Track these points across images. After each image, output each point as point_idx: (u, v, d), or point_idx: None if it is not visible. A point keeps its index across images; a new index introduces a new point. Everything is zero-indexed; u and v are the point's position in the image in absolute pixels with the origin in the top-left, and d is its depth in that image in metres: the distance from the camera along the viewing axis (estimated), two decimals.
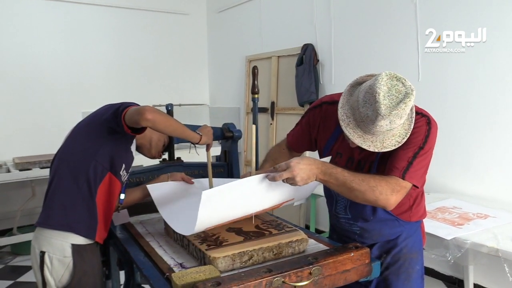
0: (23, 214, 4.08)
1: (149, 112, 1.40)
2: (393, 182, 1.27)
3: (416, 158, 1.29)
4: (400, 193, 1.27)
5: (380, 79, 1.21)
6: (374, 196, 1.24)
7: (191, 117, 5.25)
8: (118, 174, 1.59)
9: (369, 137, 1.27)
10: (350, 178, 1.25)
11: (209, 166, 1.83)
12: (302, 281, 1.18)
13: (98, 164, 1.52)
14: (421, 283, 1.53)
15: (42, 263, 1.48)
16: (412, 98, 1.21)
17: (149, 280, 1.27)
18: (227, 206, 1.32)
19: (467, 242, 2.09)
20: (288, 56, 4.31)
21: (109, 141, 1.54)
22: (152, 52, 5.18)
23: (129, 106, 1.48)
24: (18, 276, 3.48)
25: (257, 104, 2.30)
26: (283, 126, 4.37)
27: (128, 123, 1.46)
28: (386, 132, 1.24)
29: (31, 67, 4.33)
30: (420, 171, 1.31)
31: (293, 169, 1.22)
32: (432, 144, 1.33)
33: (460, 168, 3.03)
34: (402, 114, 1.20)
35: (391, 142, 1.27)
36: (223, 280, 1.09)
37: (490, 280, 2.93)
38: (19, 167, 3.66)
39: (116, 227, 1.80)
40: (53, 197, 1.53)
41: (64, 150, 1.60)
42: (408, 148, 1.30)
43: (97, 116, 1.60)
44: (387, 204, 1.26)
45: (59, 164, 1.57)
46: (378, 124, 1.21)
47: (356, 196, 1.26)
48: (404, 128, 1.27)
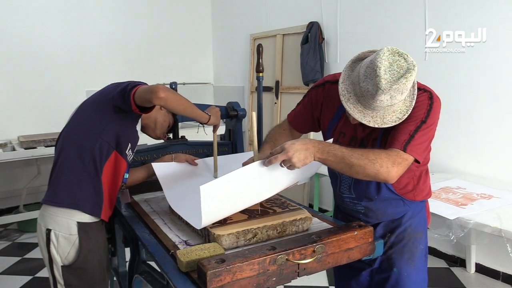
0: (29, 192, 4.12)
1: (162, 91, 1.40)
2: (394, 155, 1.24)
3: (418, 132, 1.26)
4: (402, 165, 1.24)
5: (381, 54, 1.19)
6: (375, 169, 1.21)
7: (195, 96, 5.22)
8: (124, 153, 1.59)
9: (370, 113, 1.25)
10: (349, 153, 1.22)
11: (214, 148, 1.83)
12: (305, 259, 1.18)
13: (104, 142, 1.52)
14: (424, 262, 1.54)
15: (48, 240, 1.50)
16: (413, 74, 1.18)
17: (154, 257, 1.28)
18: (229, 198, 1.30)
19: (470, 222, 2.10)
20: (293, 34, 4.26)
21: (115, 119, 1.54)
22: (156, 30, 5.13)
23: (138, 85, 1.48)
24: (25, 252, 3.54)
25: (261, 82, 2.28)
26: (287, 105, 4.35)
27: (138, 101, 1.46)
28: (387, 108, 1.22)
29: (35, 46, 4.31)
30: (422, 145, 1.27)
31: (288, 151, 1.20)
32: (435, 119, 1.30)
33: (465, 148, 3.02)
34: (403, 89, 1.19)
35: (392, 118, 1.25)
36: (227, 257, 1.10)
37: (492, 260, 2.96)
38: (24, 146, 3.68)
39: (121, 205, 1.82)
40: (59, 175, 1.54)
41: (69, 129, 1.60)
42: (409, 122, 1.27)
43: (103, 95, 1.59)
44: (388, 177, 1.22)
45: (64, 142, 1.57)
46: (378, 99, 1.19)
47: (357, 171, 1.23)
48: (405, 105, 1.25)
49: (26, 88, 4.30)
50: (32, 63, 4.31)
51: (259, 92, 2.30)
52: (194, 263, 1.12)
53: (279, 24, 4.46)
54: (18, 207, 4.06)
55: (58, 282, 1.52)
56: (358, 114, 1.25)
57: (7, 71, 4.19)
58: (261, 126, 2.36)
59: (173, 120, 1.95)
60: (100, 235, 1.59)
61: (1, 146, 3.72)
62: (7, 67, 4.19)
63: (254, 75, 2.39)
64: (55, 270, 1.51)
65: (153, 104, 1.47)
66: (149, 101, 1.43)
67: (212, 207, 1.25)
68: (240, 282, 1.08)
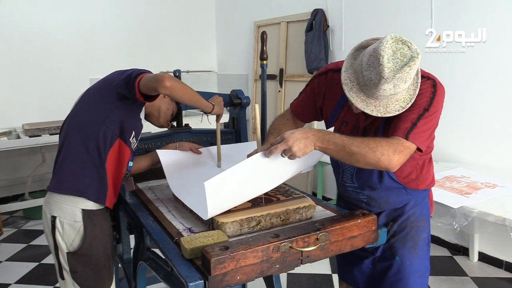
0: (34, 180, 4.15)
1: (168, 80, 1.40)
2: (395, 143, 1.22)
3: (421, 120, 1.24)
4: (403, 153, 1.21)
5: (385, 42, 1.17)
6: (376, 157, 1.19)
7: (199, 84, 5.21)
8: (128, 141, 1.60)
9: (372, 102, 1.23)
10: (349, 142, 1.21)
11: (218, 137, 1.83)
12: (309, 247, 1.19)
13: (108, 130, 1.52)
14: (427, 251, 1.54)
15: (54, 227, 1.51)
16: (417, 62, 1.17)
17: (159, 244, 1.29)
18: (234, 190, 1.30)
19: (474, 211, 2.10)
20: (298, 22, 4.22)
21: (119, 107, 1.54)
22: (160, 18, 5.10)
23: (143, 73, 1.48)
24: (31, 239, 3.58)
25: (265, 70, 2.27)
26: (291, 93, 4.33)
27: (143, 89, 1.46)
28: (390, 97, 1.21)
29: (38, 34, 4.30)
30: (424, 134, 1.25)
31: (288, 140, 1.19)
32: (438, 107, 1.28)
33: (470, 137, 3.01)
34: (407, 78, 1.17)
35: (395, 107, 1.23)
36: (231, 244, 1.11)
37: (495, 248, 2.96)
38: (29, 134, 3.69)
39: (125, 192, 1.82)
40: (63, 162, 1.54)
41: (73, 116, 1.60)
42: (412, 110, 1.25)
43: (107, 82, 1.59)
44: (390, 165, 1.20)
45: (68, 130, 1.57)
46: (381, 88, 1.18)
47: (358, 160, 1.21)
48: (408, 93, 1.24)
49: (30, 76, 4.30)
50: (36, 51, 4.31)
51: (263, 80, 2.29)
52: (198, 250, 1.13)
53: (283, 12, 4.42)
54: (23, 194, 4.10)
55: (63, 268, 1.53)
56: (361, 103, 1.24)
57: (11, 60, 4.19)
58: (265, 114, 2.35)
59: (177, 109, 1.95)
60: (105, 222, 1.60)
61: (6, 134, 3.74)
62: (11, 56, 4.19)
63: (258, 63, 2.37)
64: (60, 257, 1.53)
65: (158, 93, 1.47)
66: (155, 90, 1.43)
67: (218, 200, 1.26)
68: (243, 269, 1.09)
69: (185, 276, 1.06)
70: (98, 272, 1.56)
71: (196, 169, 1.78)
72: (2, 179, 4.30)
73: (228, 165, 1.77)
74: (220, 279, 1.05)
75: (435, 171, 1.58)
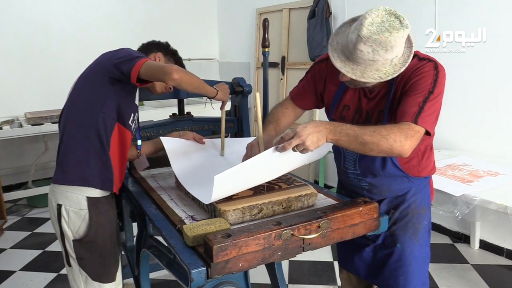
0: (37, 168, 4.18)
1: (176, 72, 1.40)
2: (406, 128, 1.22)
3: (427, 103, 1.25)
4: (414, 138, 1.22)
5: (375, 11, 1.18)
6: (389, 145, 1.19)
7: (200, 71, 5.18)
8: (128, 125, 1.59)
9: (351, 64, 1.24)
10: (361, 132, 1.21)
11: (222, 125, 1.82)
12: (310, 234, 1.19)
13: (106, 116, 1.52)
14: (427, 238, 1.55)
15: (60, 215, 1.52)
16: (401, 32, 1.17)
17: (161, 231, 1.30)
18: (241, 181, 1.31)
19: (475, 199, 2.10)
20: (300, 9, 4.19)
21: (113, 91, 1.52)
22: (161, 5, 5.05)
23: (140, 58, 1.46)
24: (35, 227, 3.61)
25: (267, 58, 2.26)
26: (293, 81, 4.31)
27: (144, 76, 1.44)
28: (369, 63, 1.21)
29: (40, 22, 4.27)
30: (431, 116, 1.26)
31: (301, 134, 1.18)
32: (441, 88, 1.29)
33: (472, 125, 3.00)
34: (386, 45, 1.17)
35: (373, 76, 1.23)
36: (233, 232, 1.11)
37: (496, 236, 2.97)
38: (31, 122, 3.70)
39: (128, 180, 1.83)
40: (66, 153, 1.54)
41: (70, 106, 1.59)
42: (417, 93, 1.26)
43: (98, 67, 1.57)
44: (403, 150, 1.21)
45: (67, 120, 1.56)
46: (358, 48, 1.19)
47: (371, 149, 1.21)
48: (393, 68, 1.24)
49: (32, 64, 4.28)
50: (38, 40, 4.29)
51: (265, 67, 2.28)
52: (200, 237, 1.13)
53: None
54: (27, 183, 4.12)
55: (70, 255, 1.54)
56: (340, 63, 1.25)
57: (12, 48, 4.17)
58: (267, 102, 2.35)
59: None
60: (110, 209, 1.61)
61: (8, 123, 3.75)
62: (12, 44, 4.17)
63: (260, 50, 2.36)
64: (66, 244, 1.54)
65: (166, 84, 1.47)
66: (161, 81, 1.44)
67: (222, 191, 1.27)
68: (245, 256, 1.09)
69: (188, 263, 1.07)
70: (105, 259, 1.58)
71: (200, 156, 1.78)
72: (5, 167, 4.31)
73: (231, 155, 1.77)
74: (222, 266, 1.06)
75: (436, 159, 1.58)
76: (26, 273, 2.86)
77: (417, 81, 1.28)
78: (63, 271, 2.80)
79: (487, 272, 2.74)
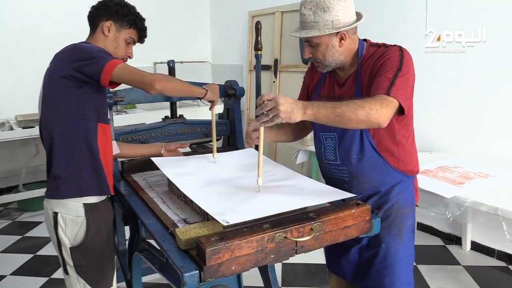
0: (28, 172, 4.14)
1: (157, 83, 1.41)
2: (380, 98, 1.29)
3: (397, 78, 1.33)
4: (390, 107, 1.28)
5: None
6: (365, 112, 1.24)
7: (193, 74, 5.18)
8: (107, 119, 1.57)
9: (301, 32, 1.44)
10: (337, 104, 1.27)
11: (213, 126, 1.82)
12: (303, 237, 1.19)
13: (87, 121, 1.48)
14: (412, 238, 1.56)
15: (56, 223, 1.49)
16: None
17: (154, 235, 1.29)
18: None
19: (467, 201, 2.12)
20: (293, 12, 4.20)
21: (83, 94, 1.47)
22: (153, 8, 5.04)
23: (108, 60, 1.41)
24: (26, 231, 3.58)
25: (260, 61, 2.26)
26: (286, 84, 4.32)
27: (119, 80, 1.42)
28: (312, 24, 1.40)
29: (31, 24, 4.25)
30: (404, 91, 1.33)
31: (278, 98, 1.23)
32: (410, 67, 1.38)
33: (463, 127, 3.02)
34: (323, 5, 1.37)
35: (315, 33, 1.40)
36: (226, 235, 1.11)
37: (487, 238, 3.00)
38: (22, 125, 3.67)
39: (120, 183, 1.82)
40: (57, 168, 1.49)
41: (46, 121, 1.52)
42: (387, 71, 1.35)
43: (57, 75, 1.50)
44: (379, 118, 1.25)
45: (48, 136, 1.51)
46: (302, 13, 1.42)
47: (350, 118, 1.25)
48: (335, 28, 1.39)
49: (23, 67, 4.24)
50: (29, 42, 4.25)
51: (257, 70, 2.28)
52: (193, 240, 1.13)
53: (278, 1, 4.39)
54: (17, 186, 4.08)
55: (67, 263, 1.52)
56: (294, 33, 1.46)
57: (3, 51, 4.14)
58: None
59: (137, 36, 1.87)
60: (107, 212, 1.59)
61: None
62: (3, 47, 4.13)
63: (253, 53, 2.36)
64: (63, 252, 1.51)
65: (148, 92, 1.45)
66: (142, 89, 1.45)
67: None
68: (238, 259, 1.09)
69: (180, 266, 1.07)
70: (102, 264, 1.56)
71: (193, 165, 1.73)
72: None
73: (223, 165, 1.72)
74: (215, 269, 1.06)
75: (428, 161, 1.59)
76: (17, 278, 2.82)
77: (385, 61, 1.38)
78: (55, 276, 2.77)
79: (478, 273, 2.76)
